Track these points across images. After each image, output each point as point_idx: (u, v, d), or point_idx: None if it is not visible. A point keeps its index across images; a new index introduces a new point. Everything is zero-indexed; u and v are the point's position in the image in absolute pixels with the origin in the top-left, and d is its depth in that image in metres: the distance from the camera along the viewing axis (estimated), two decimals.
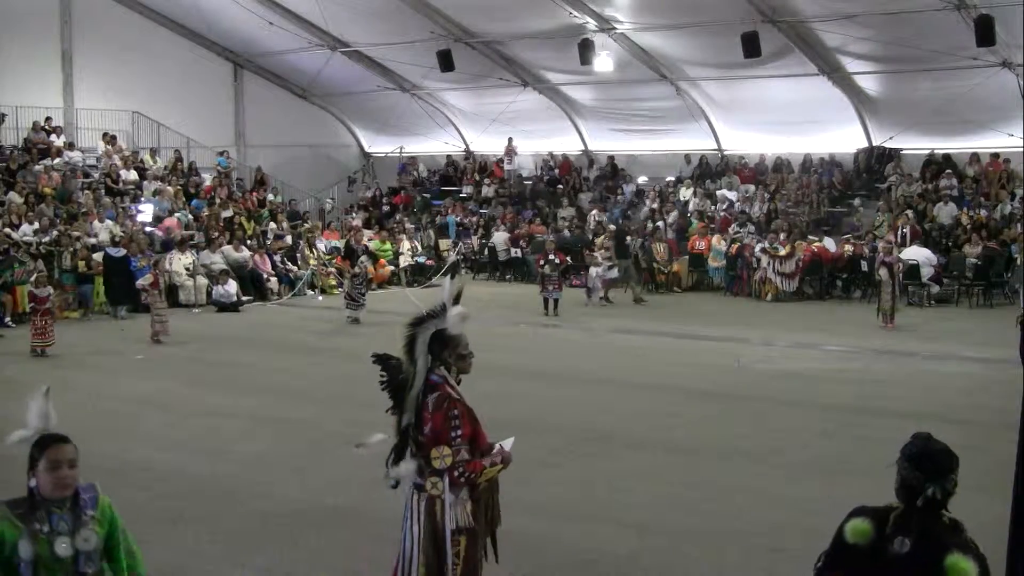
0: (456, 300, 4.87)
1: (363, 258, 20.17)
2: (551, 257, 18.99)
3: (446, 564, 4.64)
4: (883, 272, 16.70)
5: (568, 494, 8.06)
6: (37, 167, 23.42)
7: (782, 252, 20.80)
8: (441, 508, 4.65)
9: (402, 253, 25.51)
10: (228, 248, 22.01)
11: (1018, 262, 19.62)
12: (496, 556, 4.99)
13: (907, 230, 21.15)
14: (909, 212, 21.97)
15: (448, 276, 6.40)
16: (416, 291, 21.15)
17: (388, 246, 25.40)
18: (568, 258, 21.90)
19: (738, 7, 20.93)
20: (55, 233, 19.96)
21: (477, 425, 4.74)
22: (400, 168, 31.98)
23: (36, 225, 20.20)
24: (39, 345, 14.71)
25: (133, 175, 25.28)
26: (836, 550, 3.55)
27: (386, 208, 30.13)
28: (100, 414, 11.06)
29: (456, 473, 4.60)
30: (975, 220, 21.04)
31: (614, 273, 20.80)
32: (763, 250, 21.05)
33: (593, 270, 20.55)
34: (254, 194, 26.71)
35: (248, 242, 23.01)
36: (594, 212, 25.93)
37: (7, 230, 19.80)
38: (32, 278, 16.16)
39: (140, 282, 17.30)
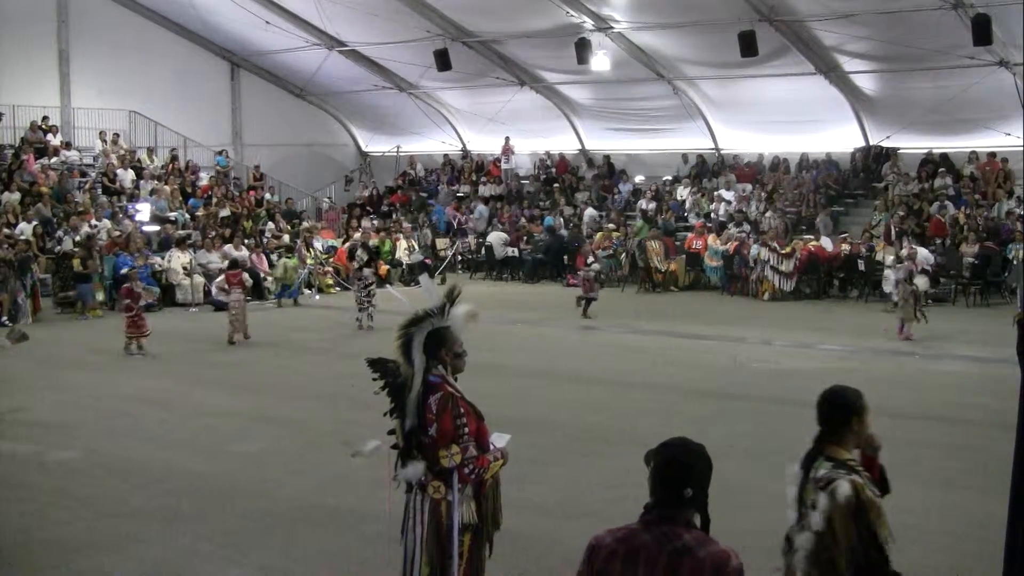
0: (452, 299, 4.87)
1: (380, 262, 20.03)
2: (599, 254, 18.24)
3: (449, 562, 4.66)
4: (904, 288, 15.79)
5: (567, 493, 8.06)
6: (34, 166, 23.39)
7: (780, 251, 20.74)
8: (447, 508, 4.66)
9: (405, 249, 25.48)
10: (219, 253, 21.89)
11: (1014, 261, 19.63)
12: (490, 551, 5.00)
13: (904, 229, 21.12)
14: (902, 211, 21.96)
15: (428, 276, 6.33)
16: (401, 289, 20.95)
17: (387, 245, 25.34)
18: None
19: (735, 6, 20.93)
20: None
21: (481, 421, 4.76)
22: (402, 176, 31.85)
23: (33, 224, 20.17)
24: (136, 336, 14.46)
25: (130, 174, 25.25)
26: None
27: (384, 208, 30.11)
28: (99, 413, 11.06)
29: (466, 470, 4.62)
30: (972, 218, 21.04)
31: (901, 274, 20.27)
32: (764, 246, 20.89)
33: (889, 272, 19.06)
34: (251, 193, 26.66)
35: (245, 241, 22.94)
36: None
37: (7, 230, 19.76)
38: (125, 270, 15.95)
39: (217, 282, 16.88)
